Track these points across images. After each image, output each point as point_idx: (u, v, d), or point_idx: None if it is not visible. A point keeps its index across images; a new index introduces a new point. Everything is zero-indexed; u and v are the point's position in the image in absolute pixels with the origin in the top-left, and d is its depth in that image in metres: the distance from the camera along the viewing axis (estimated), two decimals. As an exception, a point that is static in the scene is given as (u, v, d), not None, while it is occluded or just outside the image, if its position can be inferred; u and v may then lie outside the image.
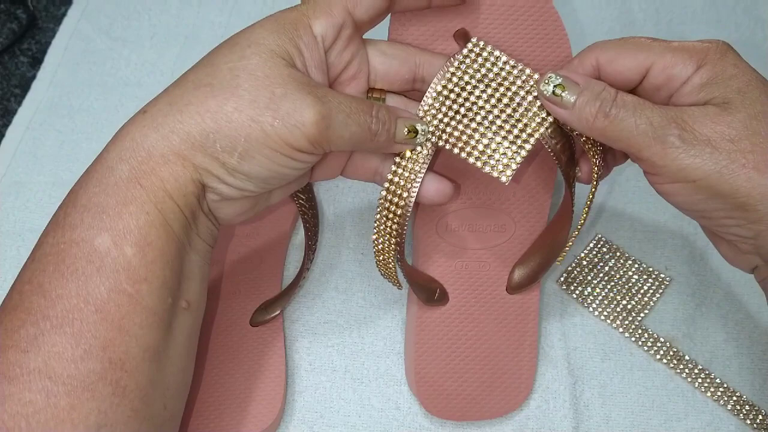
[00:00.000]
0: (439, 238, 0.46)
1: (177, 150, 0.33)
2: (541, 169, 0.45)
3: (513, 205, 0.46)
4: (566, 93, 0.35)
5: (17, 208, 0.54)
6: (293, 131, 0.33)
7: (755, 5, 0.67)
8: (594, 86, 0.35)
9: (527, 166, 0.45)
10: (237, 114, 0.33)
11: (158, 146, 0.33)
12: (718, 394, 0.47)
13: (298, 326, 0.49)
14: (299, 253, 0.52)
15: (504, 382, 0.46)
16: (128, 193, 0.33)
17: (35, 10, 0.65)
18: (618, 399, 0.47)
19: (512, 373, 0.46)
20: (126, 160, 0.33)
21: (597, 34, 0.64)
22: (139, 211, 0.32)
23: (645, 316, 0.50)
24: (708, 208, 0.35)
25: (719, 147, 0.33)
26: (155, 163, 0.33)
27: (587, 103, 0.35)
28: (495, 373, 0.46)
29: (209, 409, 0.44)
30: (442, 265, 0.46)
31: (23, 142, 0.57)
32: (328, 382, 0.47)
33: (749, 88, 0.34)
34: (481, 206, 0.45)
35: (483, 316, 0.46)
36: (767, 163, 0.32)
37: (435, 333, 0.46)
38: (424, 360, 0.46)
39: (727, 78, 0.34)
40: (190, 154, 0.33)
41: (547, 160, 0.45)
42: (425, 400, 0.45)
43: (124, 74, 0.61)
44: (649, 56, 0.35)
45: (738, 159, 0.33)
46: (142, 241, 0.32)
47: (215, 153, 0.33)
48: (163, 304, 0.33)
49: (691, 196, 0.34)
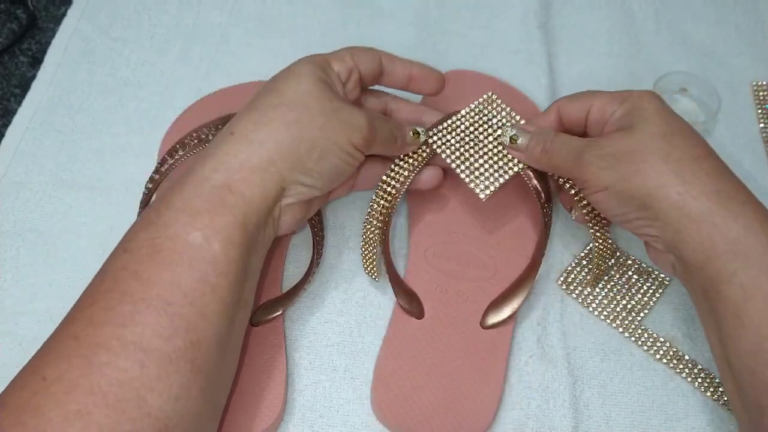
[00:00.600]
0: (426, 263, 0.50)
1: (269, 157, 0.40)
2: (527, 216, 0.52)
3: (498, 248, 0.51)
4: (520, 140, 0.47)
5: (17, 208, 0.54)
6: (354, 132, 0.42)
7: (755, 5, 0.67)
8: (539, 132, 0.47)
9: (515, 215, 0.52)
10: (312, 122, 0.41)
11: (251, 157, 0.40)
12: (718, 394, 0.47)
13: (299, 326, 0.49)
14: (299, 252, 0.52)
15: (462, 409, 0.45)
16: (221, 198, 0.39)
17: (35, 10, 0.65)
18: (618, 399, 0.47)
19: (472, 402, 0.45)
20: (221, 171, 0.40)
21: (597, 34, 0.65)
22: (228, 214, 0.39)
23: (645, 316, 0.50)
24: (623, 211, 0.43)
25: (621, 159, 0.42)
26: (247, 172, 0.40)
27: (533, 145, 0.47)
28: (454, 397, 0.45)
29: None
30: (424, 285, 0.49)
31: (23, 142, 0.57)
32: (328, 381, 0.47)
33: (652, 116, 0.43)
34: (470, 244, 0.51)
35: (454, 340, 0.47)
36: (657, 170, 0.41)
37: (404, 339, 0.47)
38: (387, 359, 0.46)
39: (637, 110, 0.43)
40: (279, 159, 0.41)
41: (532, 210, 0.52)
42: (379, 398, 0.45)
43: (124, 74, 0.61)
44: (590, 100, 0.46)
45: (634, 168, 0.41)
46: (227, 240, 0.38)
47: (299, 156, 0.41)
48: (233, 297, 0.38)
49: (609, 202, 0.43)
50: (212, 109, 0.57)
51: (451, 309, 0.48)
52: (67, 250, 0.52)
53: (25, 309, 0.50)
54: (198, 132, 0.49)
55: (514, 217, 0.52)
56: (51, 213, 0.54)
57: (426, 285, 0.49)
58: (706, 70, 0.63)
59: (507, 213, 0.52)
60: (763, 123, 0.60)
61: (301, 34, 0.64)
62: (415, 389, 0.45)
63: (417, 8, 0.65)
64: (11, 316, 0.49)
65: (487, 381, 0.46)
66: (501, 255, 0.50)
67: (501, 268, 0.50)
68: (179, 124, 0.57)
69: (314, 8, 0.66)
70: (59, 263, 0.52)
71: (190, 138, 0.49)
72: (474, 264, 0.50)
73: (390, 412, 0.45)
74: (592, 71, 0.62)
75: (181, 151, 0.49)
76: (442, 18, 0.65)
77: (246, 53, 0.63)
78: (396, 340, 0.47)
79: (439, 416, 0.44)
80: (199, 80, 0.61)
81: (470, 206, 0.52)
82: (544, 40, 0.63)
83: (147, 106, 0.59)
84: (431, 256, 0.50)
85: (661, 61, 0.63)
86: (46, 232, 0.53)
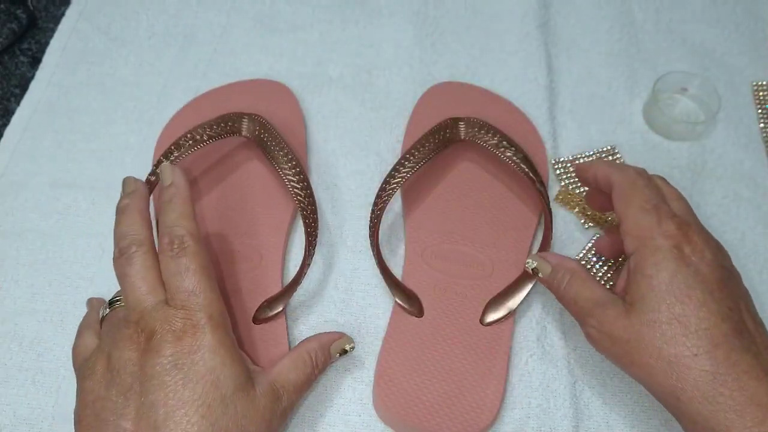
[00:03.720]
0: (424, 263, 0.50)
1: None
2: (524, 216, 0.52)
3: (495, 247, 0.51)
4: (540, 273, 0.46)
5: (16, 209, 0.54)
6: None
7: (755, 5, 0.67)
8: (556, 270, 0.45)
9: (512, 214, 0.52)
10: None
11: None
12: (718, 394, 0.47)
13: (299, 325, 0.49)
14: (299, 249, 0.52)
15: (465, 404, 0.45)
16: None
17: (35, 10, 0.65)
18: (618, 399, 0.47)
19: (475, 399, 0.45)
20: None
21: (597, 34, 0.64)
22: None
23: (645, 316, 0.50)
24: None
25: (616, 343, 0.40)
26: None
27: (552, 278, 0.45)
28: (457, 392, 0.45)
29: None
30: (422, 284, 0.49)
31: (21, 142, 0.57)
32: (329, 381, 0.47)
33: (653, 293, 0.39)
34: (467, 244, 0.51)
35: (454, 338, 0.47)
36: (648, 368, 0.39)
37: (405, 338, 0.47)
38: (389, 358, 0.46)
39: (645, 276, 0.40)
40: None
41: (529, 208, 0.52)
42: (381, 397, 0.45)
43: (123, 74, 0.61)
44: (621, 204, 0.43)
45: (629, 359, 0.40)
46: None
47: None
48: None
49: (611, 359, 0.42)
50: (208, 108, 0.57)
51: (450, 307, 0.48)
52: (67, 250, 0.52)
53: (24, 309, 0.50)
54: (193, 133, 0.49)
55: (510, 217, 0.52)
56: (50, 213, 0.54)
57: (424, 285, 0.49)
58: (706, 70, 0.63)
59: (504, 212, 0.52)
60: (763, 123, 0.60)
61: (299, 34, 0.64)
62: (417, 387, 0.45)
63: (415, 8, 0.65)
64: (11, 316, 0.49)
65: (488, 377, 0.46)
66: (498, 254, 0.50)
67: (498, 267, 0.50)
68: (174, 123, 0.57)
69: (313, 8, 0.66)
70: (58, 263, 0.52)
71: (184, 139, 0.49)
72: (471, 263, 0.50)
73: (393, 411, 0.44)
74: (592, 71, 0.62)
75: (176, 152, 0.49)
76: (441, 18, 0.65)
77: (244, 53, 0.63)
78: (396, 339, 0.47)
79: (442, 414, 0.44)
80: (197, 80, 0.61)
81: (467, 206, 0.53)
82: (543, 41, 0.63)
83: (145, 106, 0.59)
84: (429, 256, 0.50)
85: (661, 61, 0.63)
86: (45, 232, 0.53)
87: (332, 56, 0.63)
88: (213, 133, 0.50)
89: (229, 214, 0.52)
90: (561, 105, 0.60)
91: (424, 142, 0.51)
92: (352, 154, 0.57)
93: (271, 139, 0.50)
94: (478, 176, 0.54)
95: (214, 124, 0.50)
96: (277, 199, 0.52)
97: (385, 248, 0.52)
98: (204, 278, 0.40)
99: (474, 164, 0.54)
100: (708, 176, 0.57)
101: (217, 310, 0.40)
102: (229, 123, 0.51)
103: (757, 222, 0.55)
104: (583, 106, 0.60)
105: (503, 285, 0.49)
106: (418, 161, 0.49)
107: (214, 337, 0.38)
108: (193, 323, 0.38)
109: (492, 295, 0.49)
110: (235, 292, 0.48)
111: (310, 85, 0.61)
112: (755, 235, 0.54)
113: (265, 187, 0.53)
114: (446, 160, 0.54)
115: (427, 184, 0.53)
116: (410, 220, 0.52)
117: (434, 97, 0.59)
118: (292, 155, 0.50)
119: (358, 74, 0.62)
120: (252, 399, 0.39)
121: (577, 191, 0.55)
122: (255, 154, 0.54)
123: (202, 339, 0.38)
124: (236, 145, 0.55)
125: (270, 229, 0.51)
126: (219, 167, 0.54)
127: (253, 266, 0.49)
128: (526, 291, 0.48)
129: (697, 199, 0.55)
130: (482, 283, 0.49)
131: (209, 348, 0.38)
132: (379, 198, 0.49)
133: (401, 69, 0.62)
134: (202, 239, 0.42)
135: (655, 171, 0.57)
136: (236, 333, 0.46)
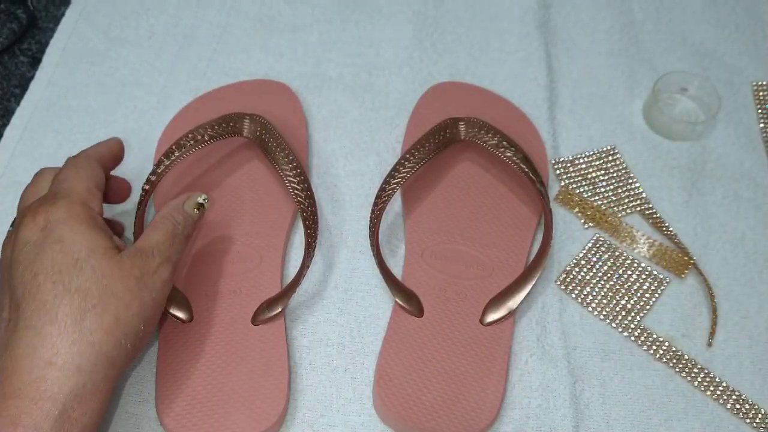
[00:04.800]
0: (424, 263, 0.50)
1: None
2: (523, 215, 0.52)
3: (495, 247, 0.51)
4: None
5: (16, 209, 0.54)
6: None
7: (755, 5, 0.67)
8: None
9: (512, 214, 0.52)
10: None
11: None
12: (717, 394, 0.47)
13: (298, 326, 0.49)
14: (299, 251, 0.52)
15: (465, 404, 0.45)
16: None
17: (35, 10, 0.65)
18: (618, 399, 0.47)
19: (475, 398, 0.45)
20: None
21: (597, 34, 0.65)
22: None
23: (645, 316, 0.50)
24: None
25: None
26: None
27: None
28: (457, 392, 0.45)
29: (213, 408, 0.44)
30: (422, 284, 0.49)
31: (21, 143, 0.57)
32: (328, 381, 0.47)
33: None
34: (467, 244, 0.51)
35: (454, 338, 0.47)
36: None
37: (405, 338, 0.47)
38: (390, 358, 0.46)
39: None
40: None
41: (528, 208, 0.52)
42: (381, 397, 0.45)
43: (123, 74, 0.61)
44: None
45: None
46: None
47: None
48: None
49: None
50: (209, 108, 0.57)
51: (451, 307, 0.48)
52: (66, 251, 0.52)
53: (23, 309, 0.50)
54: (194, 133, 0.49)
55: (510, 217, 0.52)
56: (50, 213, 0.54)
57: (424, 285, 0.49)
58: (706, 70, 0.63)
59: (504, 212, 0.52)
60: (763, 123, 0.60)
61: (299, 34, 0.64)
62: (417, 387, 0.45)
63: (415, 8, 0.65)
64: (10, 317, 0.49)
65: (488, 377, 0.46)
66: (498, 254, 0.51)
67: (498, 267, 0.50)
68: (176, 123, 0.57)
69: (313, 8, 0.66)
70: (58, 263, 0.51)
71: (186, 139, 0.49)
72: (471, 263, 0.50)
73: (393, 411, 0.44)
74: (592, 71, 0.62)
75: (177, 152, 0.48)
76: (441, 18, 0.65)
77: (244, 53, 0.63)
78: (396, 339, 0.47)
79: (442, 413, 0.44)
80: (197, 80, 0.61)
81: (467, 206, 0.53)
82: (542, 40, 0.63)
83: (146, 106, 0.59)
84: (429, 256, 0.50)
85: (661, 61, 0.63)
86: (44, 233, 0.53)
87: (332, 56, 0.63)
88: (214, 133, 0.50)
89: (230, 214, 0.52)
90: (561, 105, 0.60)
91: (424, 142, 0.51)
92: (352, 154, 0.57)
93: (272, 140, 0.50)
94: (478, 176, 0.54)
95: (215, 124, 0.50)
96: (277, 199, 0.52)
97: (385, 248, 0.52)
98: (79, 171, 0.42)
99: (474, 164, 0.54)
100: (708, 176, 0.57)
101: (77, 190, 0.41)
102: (231, 123, 0.51)
103: (757, 222, 0.55)
104: (583, 106, 0.60)
105: (503, 285, 0.49)
106: (418, 161, 0.49)
107: (66, 210, 0.40)
108: (49, 203, 0.40)
109: (492, 295, 0.49)
110: (235, 292, 0.48)
111: (310, 85, 0.61)
112: (755, 235, 0.54)
113: (266, 187, 0.53)
114: (446, 160, 0.54)
115: (427, 184, 0.53)
116: (410, 220, 0.52)
117: (434, 97, 0.59)
118: (293, 156, 0.50)
119: (358, 74, 0.62)
120: (115, 260, 0.39)
121: (577, 191, 0.55)
122: (256, 155, 0.54)
123: (53, 213, 0.39)
124: (237, 146, 0.55)
125: (270, 229, 0.51)
126: (220, 167, 0.54)
127: (253, 267, 0.49)
128: (526, 291, 0.48)
129: (697, 199, 0.55)
130: (482, 283, 0.49)
131: (59, 220, 0.39)
132: (379, 198, 0.49)
133: (401, 69, 0.62)
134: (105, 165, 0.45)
135: (655, 171, 0.57)
136: (235, 333, 0.47)
